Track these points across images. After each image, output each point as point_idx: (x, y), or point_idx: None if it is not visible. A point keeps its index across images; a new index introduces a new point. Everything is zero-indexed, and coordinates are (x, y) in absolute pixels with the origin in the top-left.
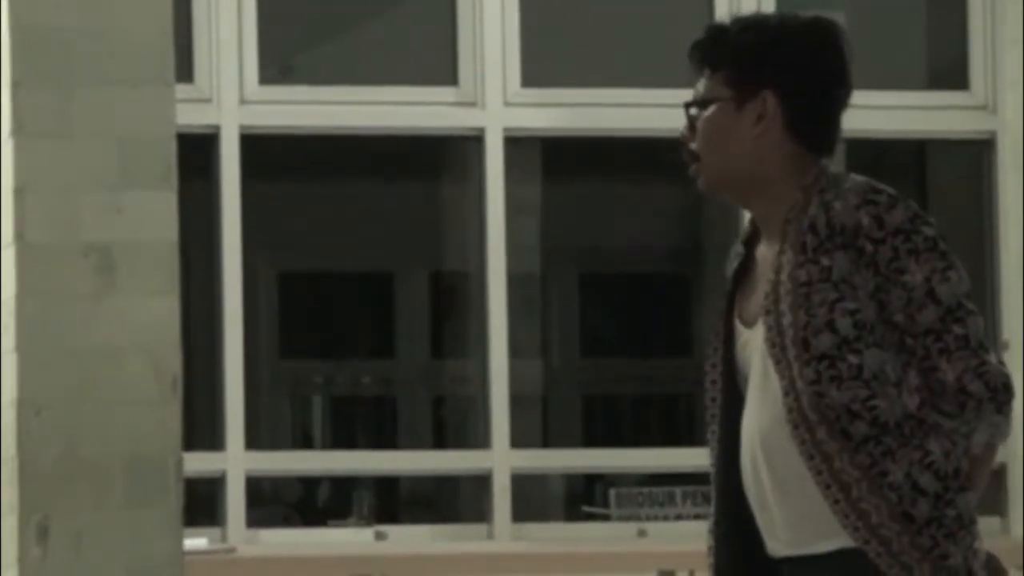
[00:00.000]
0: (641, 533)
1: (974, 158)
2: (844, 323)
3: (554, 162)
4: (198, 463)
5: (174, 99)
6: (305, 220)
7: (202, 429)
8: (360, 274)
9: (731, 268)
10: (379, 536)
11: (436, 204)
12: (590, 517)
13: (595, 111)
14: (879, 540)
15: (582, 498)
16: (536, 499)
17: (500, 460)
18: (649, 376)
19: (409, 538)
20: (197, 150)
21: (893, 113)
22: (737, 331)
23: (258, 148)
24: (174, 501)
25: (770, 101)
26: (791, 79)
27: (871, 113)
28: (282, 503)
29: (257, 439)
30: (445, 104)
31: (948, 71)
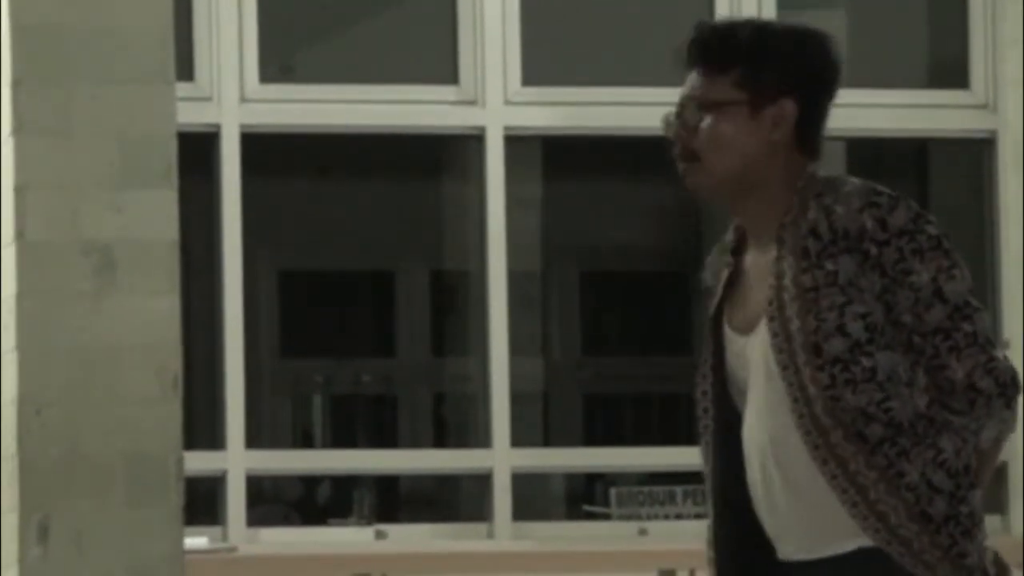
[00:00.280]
0: (642, 532)
1: (975, 157)
2: (855, 326)
3: (555, 161)
4: (198, 462)
5: (175, 98)
6: (306, 219)
7: (202, 428)
8: (361, 272)
9: (713, 276)
10: (379, 535)
11: (437, 202)
12: (591, 516)
13: (596, 110)
14: (900, 541)
15: (583, 497)
16: (537, 498)
17: (500, 459)
18: (650, 375)
19: (409, 537)
20: (198, 149)
21: (894, 112)
22: (728, 339)
23: (259, 147)
24: (174, 500)
25: (789, 107)
26: (808, 87)
27: (872, 112)
28: (282, 502)
29: (257, 438)
30: (446, 103)
31: (949, 70)
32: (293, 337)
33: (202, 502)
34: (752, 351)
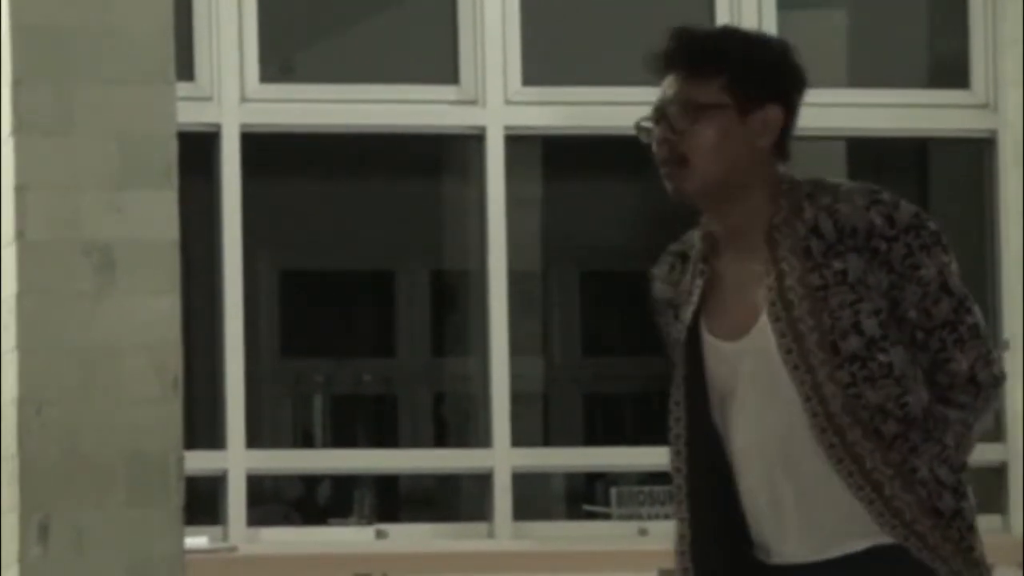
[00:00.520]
0: (642, 532)
1: (975, 156)
2: (869, 323)
3: (555, 160)
4: (199, 462)
5: (175, 97)
6: (306, 218)
7: (203, 428)
8: (361, 272)
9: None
10: (380, 535)
11: (437, 202)
12: (591, 516)
13: (596, 110)
14: (916, 536)
15: (583, 496)
16: (537, 498)
17: (501, 458)
18: (650, 374)
19: (410, 537)
20: (198, 148)
21: (894, 111)
22: (710, 347)
23: (259, 146)
24: (175, 500)
25: (775, 113)
26: (792, 94)
27: (872, 111)
28: (283, 502)
29: (258, 438)
30: (446, 102)
31: (949, 69)
32: (293, 337)
33: (202, 502)
34: (743, 356)
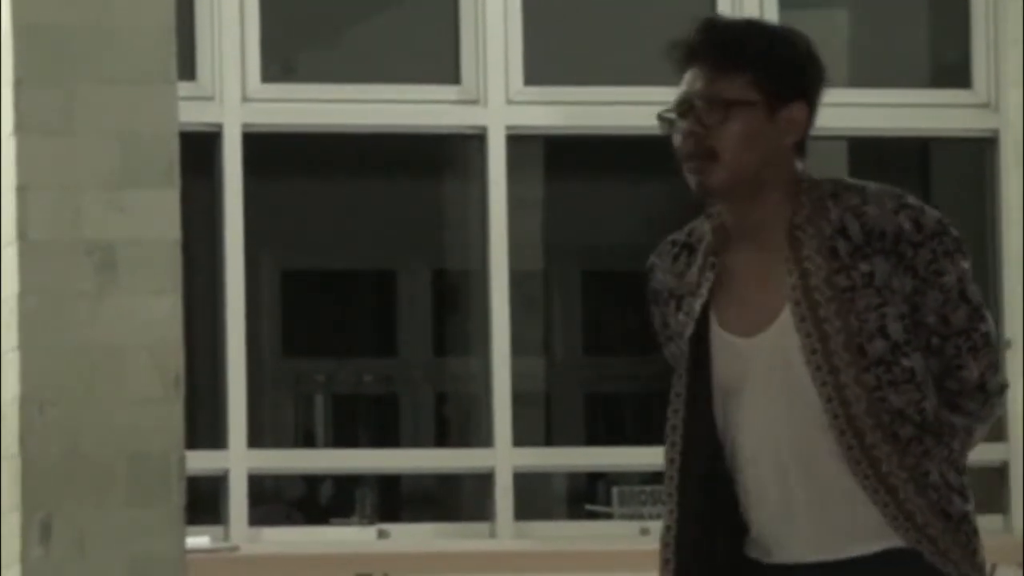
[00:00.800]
0: (644, 532)
1: (976, 156)
2: (895, 328)
3: (556, 160)
4: (200, 461)
5: (176, 97)
6: (307, 218)
7: (204, 427)
8: (362, 272)
9: (677, 278)
10: (381, 534)
11: (438, 202)
12: (593, 515)
13: (597, 109)
14: (928, 539)
15: (584, 496)
16: (538, 497)
17: (502, 458)
18: (651, 374)
19: (411, 536)
20: (199, 148)
21: (896, 111)
22: (721, 342)
23: (260, 146)
24: (176, 499)
25: (801, 111)
26: (816, 92)
27: (874, 111)
28: (284, 501)
29: (259, 437)
30: (447, 102)
31: (951, 69)
32: (295, 336)
33: (204, 501)
34: (758, 352)
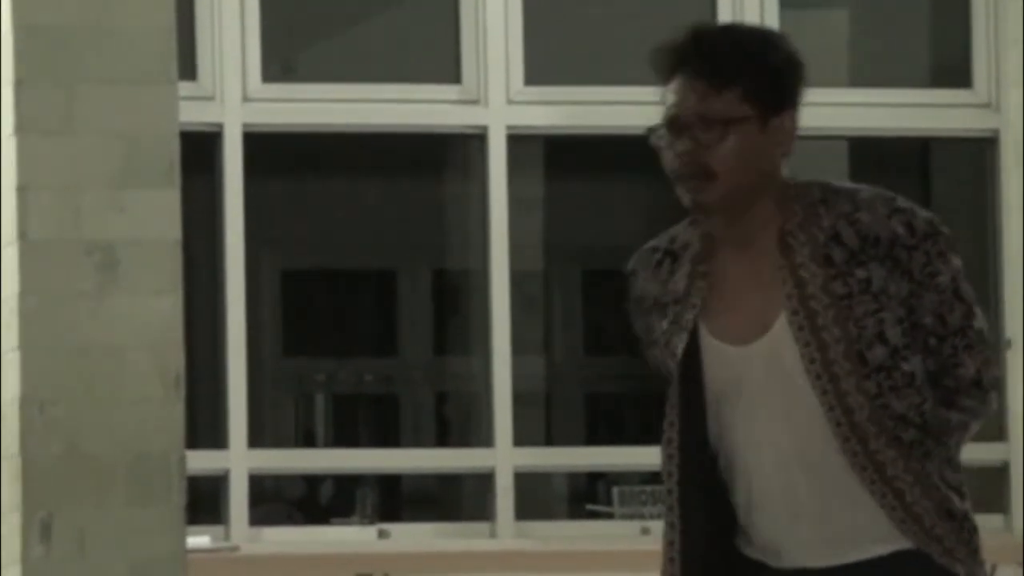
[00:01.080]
0: (644, 531)
1: (977, 156)
2: (893, 333)
3: (557, 160)
4: (201, 461)
5: (177, 97)
6: (308, 218)
7: (205, 427)
8: (363, 272)
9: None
10: (382, 534)
11: (439, 202)
12: (593, 515)
13: (598, 109)
14: (935, 540)
15: (585, 496)
16: (539, 497)
17: (503, 458)
18: (652, 374)
19: (412, 536)
20: (200, 148)
21: (896, 111)
22: (713, 350)
23: (261, 146)
24: (177, 499)
25: (791, 119)
26: (800, 95)
27: (874, 111)
28: (285, 501)
29: (260, 437)
30: (448, 102)
31: (951, 69)
32: (295, 336)
33: (204, 501)
34: (753, 361)
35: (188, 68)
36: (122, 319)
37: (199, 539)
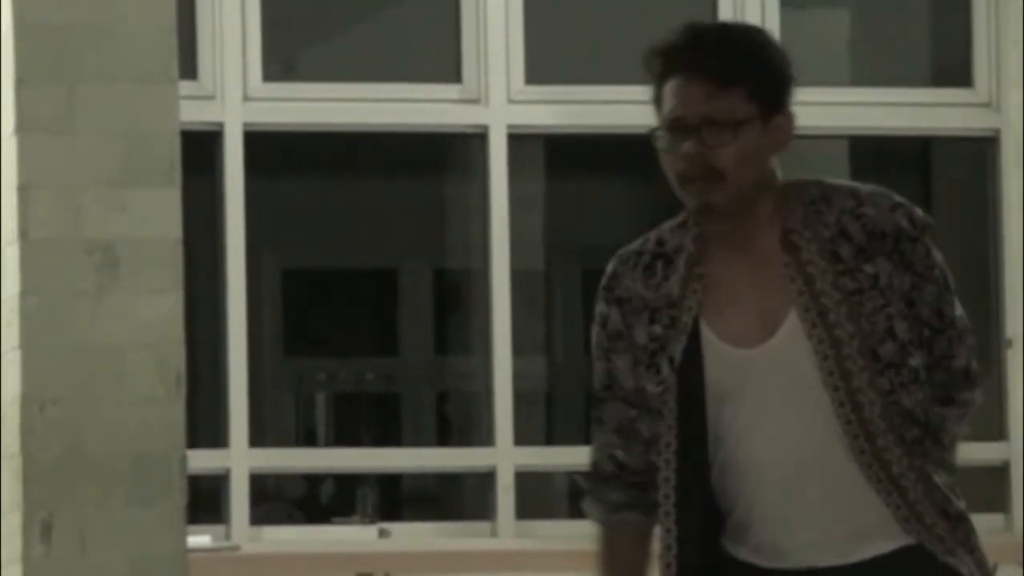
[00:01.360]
0: None
1: (978, 155)
2: (901, 327)
3: (557, 159)
4: (202, 460)
5: (178, 96)
6: (308, 217)
7: (206, 426)
8: (364, 271)
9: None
10: (383, 533)
11: (440, 201)
12: None
13: (599, 108)
14: (937, 539)
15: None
16: (540, 496)
17: (504, 457)
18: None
19: (413, 535)
20: (201, 147)
21: (897, 110)
22: (715, 351)
23: (262, 145)
24: (178, 498)
25: (789, 118)
26: (792, 94)
27: (875, 110)
28: (286, 500)
29: (261, 436)
30: (449, 101)
31: (952, 68)
32: (296, 335)
33: (205, 500)
34: (760, 362)
35: (189, 67)
36: (123, 319)
37: (200, 538)
